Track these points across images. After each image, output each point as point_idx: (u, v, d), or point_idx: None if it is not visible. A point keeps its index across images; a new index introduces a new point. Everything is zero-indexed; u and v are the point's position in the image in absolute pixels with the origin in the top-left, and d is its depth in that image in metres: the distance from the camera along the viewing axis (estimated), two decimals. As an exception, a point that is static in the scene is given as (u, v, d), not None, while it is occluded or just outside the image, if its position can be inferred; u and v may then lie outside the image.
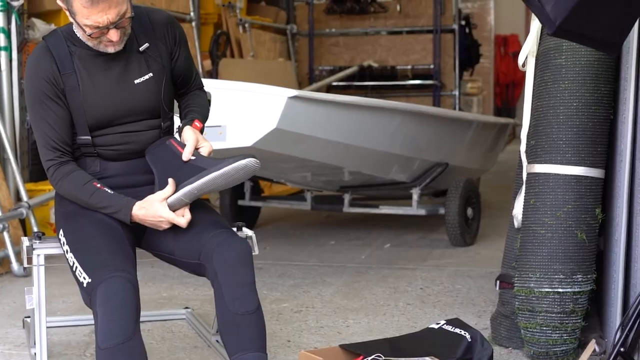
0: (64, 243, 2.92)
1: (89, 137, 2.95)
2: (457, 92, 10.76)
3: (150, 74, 2.99)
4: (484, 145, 6.85)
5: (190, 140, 2.94)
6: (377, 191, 6.42)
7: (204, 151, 2.95)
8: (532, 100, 3.65)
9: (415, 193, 6.05)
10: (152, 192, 2.97)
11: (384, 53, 10.88)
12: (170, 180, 2.88)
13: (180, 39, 3.10)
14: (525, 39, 3.70)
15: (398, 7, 10.82)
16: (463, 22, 10.98)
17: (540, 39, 3.65)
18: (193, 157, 2.92)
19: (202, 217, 2.99)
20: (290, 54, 10.74)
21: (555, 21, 2.74)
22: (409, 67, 10.75)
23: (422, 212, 6.09)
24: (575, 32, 2.79)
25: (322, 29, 11.03)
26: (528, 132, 3.65)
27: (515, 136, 11.99)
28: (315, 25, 10.96)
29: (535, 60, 3.65)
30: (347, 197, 6.21)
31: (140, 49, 2.98)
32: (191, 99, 3.20)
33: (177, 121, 3.16)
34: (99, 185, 2.90)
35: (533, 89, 3.65)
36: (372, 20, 11.00)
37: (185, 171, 2.91)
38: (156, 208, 2.86)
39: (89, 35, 2.82)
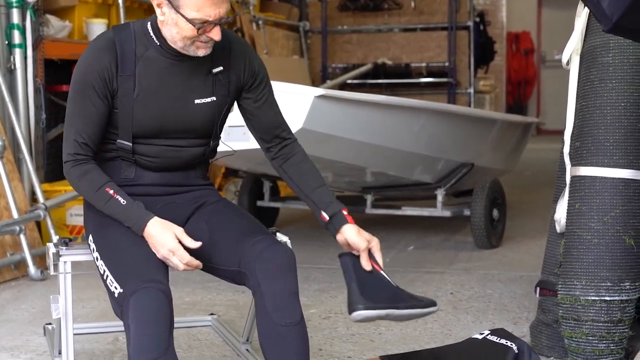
0: (94, 249, 2.79)
1: (130, 144, 2.81)
2: (471, 90, 10.64)
3: (214, 98, 2.83)
4: (509, 145, 6.71)
5: (363, 244, 2.79)
6: (399, 192, 6.28)
7: (376, 248, 2.83)
8: (577, 100, 3.50)
9: (440, 194, 5.92)
10: (180, 205, 2.88)
11: (398, 50, 10.75)
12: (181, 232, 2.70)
13: (259, 74, 2.89)
14: (538, 36, 3.55)
15: (412, 4, 10.68)
16: (477, 19, 10.87)
17: (585, 37, 3.50)
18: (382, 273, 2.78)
19: (241, 223, 2.86)
20: (303, 51, 10.61)
21: (612, 17, 2.62)
22: (424, 64, 10.61)
23: (447, 213, 5.95)
24: (631, 28, 2.67)
25: (335, 26, 10.90)
26: (572, 133, 3.50)
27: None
28: (329, 22, 10.82)
29: (580, 58, 3.50)
30: (369, 198, 6.08)
31: (213, 70, 2.82)
32: (310, 178, 2.92)
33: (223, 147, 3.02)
34: (112, 191, 2.70)
35: (577, 89, 3.50)
36: (385, 17, 10.87)
37: (384, 289, 2.78)
38: (168, 234, 2.65)
39: (197, 29, 2.64)
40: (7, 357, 3.67)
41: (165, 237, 2.65)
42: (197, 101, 2.81)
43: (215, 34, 2.67)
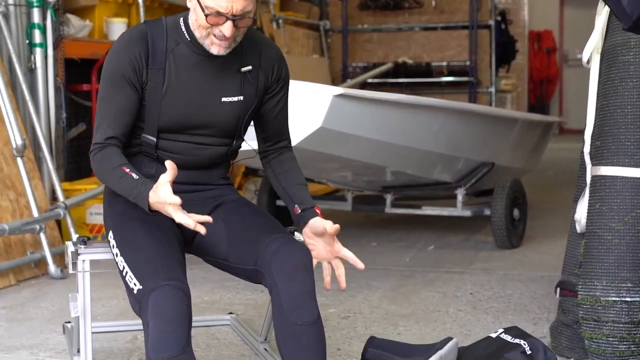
0: (113, 246, 2.78)
1: (155, 139, 2.82)
2: (492, 89, 10.61)
3: (241, 97, 2.84)
4: (530, 144, 6.67)
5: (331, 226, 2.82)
6: (419, 191, 6.26)
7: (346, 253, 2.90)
8: (597, 99, 3.47)
9: (460, 194, 5.89)
10: (199, 203, 2.86)
11: (419, 49, 10.73)
12: (169, 164, 2.61)
13: (284, 79, 2.93)
14: (560, 35, 3.53)
15: (433, 3, 10.66)
16: (499, 18, 10.83)
17: (605, 35, 3.46)
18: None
19: (258, 222, 2.85)
20: (324, 51, 10.60)
21: (632, 15, 2.60)
22: (444, 63, 10.60)
23: (467, 213, 5.93)
24: (652, 27, 2.64)
25: (355, 25, 10.89)
26: (592, 133, 3.47)
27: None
28: (349, 21, 10.82)
29: (601, 57, 3.47)
30: (389, 198, 6.06)
31: (242, 69, 2.83)
32: (292, 174, 2.97)
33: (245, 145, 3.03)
34: (127, 170, 2.67)
35: (598, 87, 3.47)
36: (406, 15, 10.85)
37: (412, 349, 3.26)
38: (161, 190, 2.56)
39: (206, 16, 2.65)
40: (27, 355, 3.68)
41: (160, 203, 2.57)
42: (224, 99, 2.82)
43: (226, 29, 2.66)
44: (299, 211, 2.87)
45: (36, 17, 5.66)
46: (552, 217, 7.11)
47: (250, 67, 2.84)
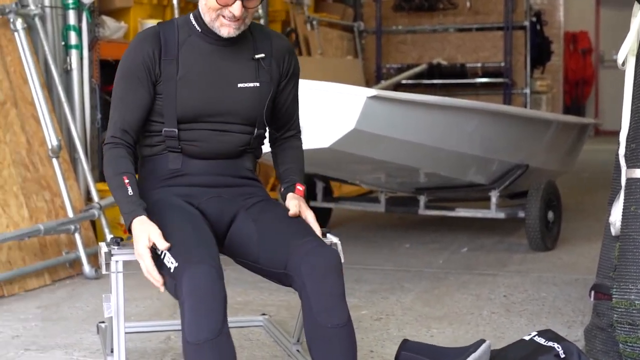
0: None
1: (176, 130, 2.87)
2: (527, 90, 10.55)
3: (257, 84, 2.91)
4: (565, 146, 6.63)
5: (292, 209, 2.89)
6: (453, 193, 6.23)
7: (310, 220, 2.90)
8: (633, 101, 3.43)
9: (494, 196, 5.86)
10: (228, 200, 2.91)
11: (453, 50, 10.70)
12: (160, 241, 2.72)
13: (295, 71, 3.02)
14: (596, 36, 3.50)
15: (468, 4, 10.63)
16: (534, 19, 10.78)
17: (641, 36, 3.43)
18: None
19: (288, 224, 2.85)
20: (358, 52, 10.59)
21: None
22: (479, 64, 10.56)
23: (501, 215, 5.90)
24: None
25: (389, 26, 10.88)
26: (627, 135, 3.44)
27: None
28: (383, 22, 10.81)
29: (636, 59, 3.44)
30: (422, 199, 6.04)
31: (256, 56, 2.91)
32: (289, 154, 3.09)
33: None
34: (127, 181, 2.78)
35: (633, 90, 3.44)
36: (440, 17, 10.83)
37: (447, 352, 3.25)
38: (143, 237, 2.67)
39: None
40: (61, 354, 3.71)
41: (139, 239, 2.69)
42: (240, 85, 2.88)
43: (236, 9, 2.75)
44: (282, 189, 3.01)
45: (72, 19, 5.70)
46: (587, 219, 7.05)
47: (263, 55, 2.92)
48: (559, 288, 4.79)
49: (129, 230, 2.75)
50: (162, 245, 2.66)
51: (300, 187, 2.98)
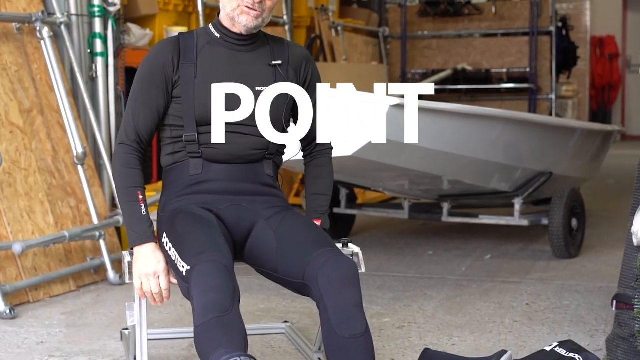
0: (166, 243, 2.88)
1: (195, 134, 2.92)
2: (553, 96, 10.50)
3: None
4: (589, 154, 6.60)
5: None
6: (476, 200, 6.23)
7: None
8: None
9: (518, 203, 5.85)
10: (248, 209, 2.95)
11: (478, 56, 10.67)
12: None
13: (313, 81, 3.08)
14: (623, 40, 3.49)
15: (493, 9, 10.60)
16: (560, 24, 10.73)
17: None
18: None
19: (306, 235, 2.87)
20: (383, 57, 10.59)
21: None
22: (504, 70, 10.53)
23: (524, 222, 5.88)
24: None
25: (414, 31, 10.87)
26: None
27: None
28: (408, 28, 10.79)
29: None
30: (445, 206, 6.04)
31: (273, 62, 2.98)
32: (316, 183, 3.16)
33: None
34: (141, 197, 2.89)
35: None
36: (466, 22, 10.81)
37: None
38: (146, 271, 2.86)
39: None
40: (85, 361, 3.75)
41: (152, 260, 2.84)
42: (257, 88, 2.92)
43: None
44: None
45: (98, 26, 5.74)
46: (612, 226, 7.02)
47: (280, 62, 2.99)
48: (582, 296, 4.77)
49: (132, 247, 2.89)
50: (165, 284, 2.84)
51: (317, 223, 3.06)
